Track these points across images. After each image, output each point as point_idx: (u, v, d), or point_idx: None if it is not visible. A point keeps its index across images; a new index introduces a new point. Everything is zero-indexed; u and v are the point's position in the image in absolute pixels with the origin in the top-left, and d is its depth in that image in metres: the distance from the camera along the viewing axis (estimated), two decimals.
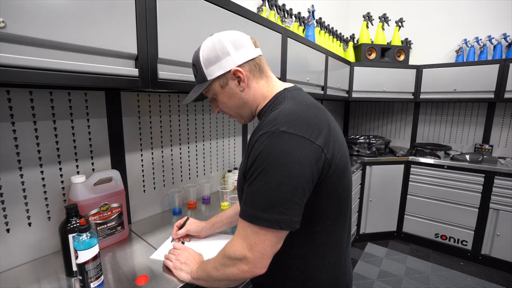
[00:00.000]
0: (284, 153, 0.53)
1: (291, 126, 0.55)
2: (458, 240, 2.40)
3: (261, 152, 0.55)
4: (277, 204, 0.54)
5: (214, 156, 1.60)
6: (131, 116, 1.14)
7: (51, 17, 0.59)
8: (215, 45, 0.66)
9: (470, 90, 2.39)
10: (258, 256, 0.57)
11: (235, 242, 0.60)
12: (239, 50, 0.66)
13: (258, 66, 0.68)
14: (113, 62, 0.73)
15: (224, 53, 0.65)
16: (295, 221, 0.56)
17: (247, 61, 0.66)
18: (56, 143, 0.92)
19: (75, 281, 0.79)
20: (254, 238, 0.56)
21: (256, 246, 0.56)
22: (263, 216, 0.54)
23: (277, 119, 0.57)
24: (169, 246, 0.97)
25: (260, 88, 0.69)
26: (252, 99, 0.70)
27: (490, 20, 2.56)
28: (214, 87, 0.70)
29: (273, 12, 1.82)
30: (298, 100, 0.64)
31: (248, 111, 0.72)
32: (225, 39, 0.66)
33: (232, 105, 0.71)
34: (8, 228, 0.83)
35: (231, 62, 0.65)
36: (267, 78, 0.70)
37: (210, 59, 0.66)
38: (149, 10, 0.79)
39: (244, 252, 0.57)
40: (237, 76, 0.66)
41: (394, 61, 2.70)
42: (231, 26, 1.10)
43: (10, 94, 0.80)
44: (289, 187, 0.54)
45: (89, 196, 0.90)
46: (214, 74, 0.67)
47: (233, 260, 0.60)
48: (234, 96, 0.69)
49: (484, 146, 2.59)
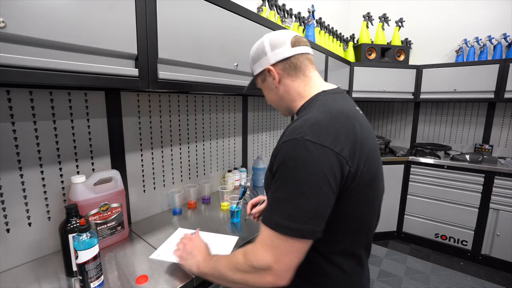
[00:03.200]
0: (308, 162, 0.53)
1: (316, 135, 0.55)
2: (458, 240, 2.40)
3: (285, 159, 0.56)
4: (301, 213, 0.54)
5: (214, 156, 1.60)
6: (131, 116, 1.14)
7: (51, 17, 0.59)
8: (259, 45, 0.74)
9: (470, 90, 2.39)
10: (284, 268, 0.56)
11: (259, 250, 0.58)
12: (274, 50, 0.71)
13: (294, 65, 0.71)
14: (113, 62, 0.73)
15: (263, 53, 0.72)
16: (318, 230, 0.55)
17: (281, 60, 0.70)
18: (56, 143, 0.92)
19: (75, 281, 0.79)
20: (279, 248, 0.55)
21: (282, 258, 0.55)
22: (287, 224, 0.54)
23: (303, 127, 0.57)
24: (169, 246, 0.97)
25: (295, 86, 0.72)
26: (287, 96, 0.73)
27: (490, 20, 2.56)
28: (258, 82, 0.80)
29: (273, 12, 1.82)
30: (329, 107, 0.62)
31: (284, 106, 0.76)
32: (266, 39, 0.73)
33: (271, 98, 0.79)
34: (8, 228, 0.83)
35: (266, 61, 0.72)
36: (305, 78, 0.72)
37: (254, 58, 0.76)
38: (149, 10, 0.79)
39: (269, 263, 0.56)
40: (270, 74, 0.72)
41: (394, 61, 2.70)
42: (231, 26, 1.10)
43: (10, 94, 0.80)
44: (313, 197, 0.54)
45: (89, 196, 0.90)
46: (256, 70, 0.76)
47: (256, 269, 0.58)
48: (271, 90, 0.76)
49: (484, 146, 2.59)
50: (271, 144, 2.14)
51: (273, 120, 2.12)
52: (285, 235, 0.54)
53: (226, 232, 1.09)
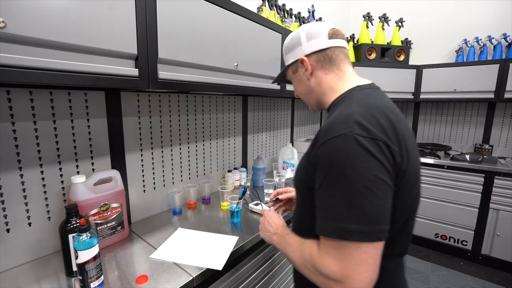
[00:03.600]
0: (365, 156, 0.49)
1: (365, 129, 0.51)
2: (458, 240, 2.40)
3: (336, 157, 0.51)
4: (371, 212, 0.48)
5: (214, 156, 1.59)
6: (131, 116, 1.14)
7: (51, 17, 0.59)
8: (294, 36, 0.73)
9: (470, 90, 2.39)
10: (361, 281, 0.48)
11: (326, 260, 0.52)
12: (310, 41, 0.69)
13: (329, 58, 0.68)
14: (113, 62, 0.73)
15: (297, 43, 0.71)
16: (388, 229, 0.50)
17: (316, 51, 0.69)
18: (56, 143, 0.92)
19: (75, 281, 0.79)
20: (350, 258, 0.49)
21: (355, 269, 0.48)
22: (358, 228, 0.48)
23: (348, 122, 0.52)
24: (169, 246, 0.97)
25: (328, 80, 0.69)
26: (318, 89, 0.71)
27: (490, 20, 2.56)
28: (288, 73, 0.78)
29: (273, 12, 1.82)
30: (368, 102, 0.58)
31: (314, 99, 0.75)
32: (302, 30, 0.71)
33: (300, 91, 0.78)
34: (8, 228, 0.83)
35: (300, 51, 0.71)
36: (339, 72, 0.69)
37: (288, 48, 0.75)
38: (149, 10, 0.79)
39: (339, 276, 0.50)
40: (303, 64, 0.71)
41: (394, 61, 2.70)
42: (231, 26, 1.10)
43: (10, 94, 0.80)
44: (378, 192, 0.49)
45: (89, 196, 0.90)
46: (288, 61, 0.75)
47: (326, 277, 0.53)
48: (302, 82, 0.75)
49: (484, 146, 2.59)
50: (271, 144, 2.14)
51: (273, 120, 2.12)
52: (357, 241, 0.48)
53: (226, 232, 1.09)
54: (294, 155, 1.92)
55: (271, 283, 1.26)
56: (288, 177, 1.81)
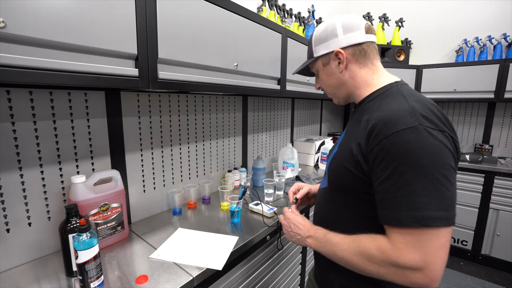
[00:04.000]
0: (438, 147, 0.53)
1: (433, 122, 0.55)
2: (458, 240, 2.40)
3: (410, 149, 0.53)
4: (448, 199, 0.52)
5: (214, 156, 1.60)
6: (131, 116, 1.14)
7: (51, 17, 0.59)
8: (328, 26, 0.72)
9: (470, 90, 2.39)
10: (439, 267, 0.51)
11: (403, 251, 0.53)
12: (347, 34, 0.69)
13: (364, 52, 0.70)
14: (113, 62, 0.73)
15: (333, 35, 0.71)
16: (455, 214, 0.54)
17: (352, 45, 0.69)
18: (56, 143, 0.92)
19: (75, 281, 0.79)
20: (431, 243, 0.51)
21: (436, 254, 0.51)
22: (440, 214, 0.51)
23: (415, 115, 0.55)
24: (169, 246, 0.97)
25: (362, 74, 0.71)
26: (351, 82, 0.73)
27: (490, 20, 2.56)
28: (317, 64, 0.77)
29: (273, 12, 1.82)
30: (419, 97, 0.62)
31: (345, 93, 0.76)
32: (338, 21, 0.71)
33: (329, 84, 0.77)
34: (8, 228, 0.83)
35: (336, 44, 0.70)
36: (372, 66, 0.72)
37: (320, 39, 0.74)
38: (149, 10, 0.79)
39: (420, 264, 0.52)
40: (338, 57, 0.71)
41: (394, 61, 2.70)
42: (231, 26, 1.10)
43: (10, 94, 0.80)
44: (452, 179, 0.53)
45: (89, 196, 0.90)
46: (320, 52, 0.74)
47: (403, 268, 0.54)
48: (333, 75, 0.74)
49: (484, 146, 2.59)
50: (271, 144, 2.14)
51: (273, 120, 2.12)
52: (439, 226, 0.51)
53: (226, 232, 1.09)
54: (294, 155, 1.92)
55: (271, 283, 1.26)
56: (288, 177, 1.81)
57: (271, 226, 1.17)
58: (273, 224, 1.18)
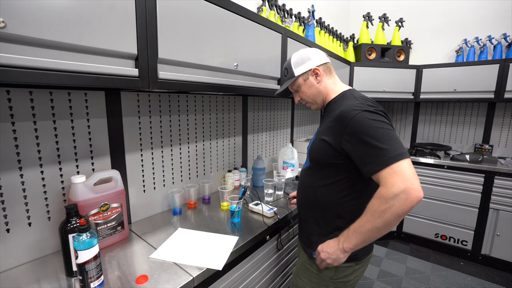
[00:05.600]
0: (378, 116, 0.80)
1: (372, 106, 0.82)
2: (458, 240, 2.40)
3: (364, 123, 0.78)
4: (398, 141, 0.76)
5: (214, 156, 1.60)
6: (131, 116, 1.14)
7: (51, 17, 0.59)
8: (301, 54, 1.00)
9: (470, 90, 2.39)
10: (417, 180, 0.72)
11: (389, 183, 0.73)
12: (315, 57, 0.99)
13: (328, 69, 1.01)
14: (113, 62, 0.73)
15: (307, 58, 0.99)
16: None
17: (321, 64, 0.99)
18: (56, 143, 0.92)
19: (75, 281, 0.79)
20: (405, 169, 0.72)
21: (412, 174, 0.72)
22: (402, 151, 0.74)
23: (358, 106, 0.82)
24: (169, 246, 0.97)
25: (329, 84, 1.00)
26: (324, 90, 0.99)
27: (490, 20, 2.56)
28: (299, 81, 1.01)
29: (273, 12, 1.82)
30: (366, 97, 0.89)
31: (321, 99, 1.01)
32: (306, 51, 1.01)
33: (310, 93, 1.01)
34: (8, 228, 0.83)
35: (311, 64, 0.98)
36: (334, 79, 1.02)
37: (297, 62, 1.00)
38: (149, 10, 0.79)
39: (404, 186, 0.71)
40: (315, 72, 0.98)
41: (394, 61, 2.70)
42: (231, 26, 1.10)
43: (10, 94, 0.80)
44: (391, 130, 0.79)
45: (89, 196, 0.90)
46: (299, 72, 0.99)
47: (396, 195, 0.71)
48: (312, 87, 1.00)
49: (484, 146, 2.59)
50: (271, 144, 2.14)
51: (273, 120, 2.12)
52: (405, 158, 0.74)
53: (226, 232, 1.09)
54: (294, 155, 1.92)
55: (271, 283, 1.26)
56: (288, 177, 1.81)
57: (271, 226, 1.17)
58: (273, 224, 1.18)
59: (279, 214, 1.25)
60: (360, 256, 0.93)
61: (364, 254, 0.95)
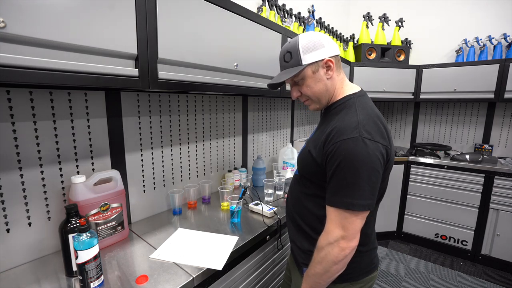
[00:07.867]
0: (369, 154, 0.68)
1: (370, 133, 0.70)
2: (458, 240, 2.40)
3: (349, 153, 0.68)
4: (368, 192, 0.68)
5: (214, 156, 1.59)
6: (131, 116, 1.14)
7: (51, 17, 0.59)
8: (313, 37, 0.78)
9: (470, 90, 2.39)
10: (353, 233, 0.69)
11: (332, 229, 0.71)
12: (329, 45, 0.78)
13: (339, 62, 0.83)
14: (113, 62, 0.73)
15: (320, 44, 0.77)
16: (374, 203, 0.72)
17: (335, 55, 0.79)
18: (56, 143, 0.92)
19: (75, 281, 0.79)
20: (351, 224, 0.69)
21: (350, 226, 0.69)
22: (359, 202, 0.68)
23: (357, 128, 0.70)
24: (169, 246, 0.97)
25: (338, 81, 0.82)
26: (332, 89, 0.82)
27: (490, 20, 2.56)
28: (306, 72, 0.79)
29: (273, 12, 1.82)
30: (367, 111, 0.76)
31: (326, 99, 0.83)
32: (318, 34, 0.80)
33: (316, 90, 0.81)
34: (8, 228, 0.83)
35: (324, 53, 0.77)
36: (342, 76, 0.84)
37: (308, 48, 0.77)
38: (149, 10, 0.79)
39: (341, 235, 0.69)
40: (328, 65, 0.78)
41: (394, 61, 2.70)
42: (231, 25, 1.10)
43: (10, 94, 0.80)
44: (374, 178, 0.69)
45: (89, 196, 0.90)
46: (309, 60, 0.77)
47: (331, 243, 0.70)
48: (321, 82, 0.80)
49: (484, 146, 2.59)
50: (271, 144, 2.14)
51: (273, 120, 2.12)
52: (362, 211, 0.68)
53: (226, 232, 1.09)
54: (294, 155, 1.92)
55: (271, 283, 1.26)
56: (288, 177, 1.81)
57: (271, 226, 1.17)
58: (273, 224, 1.18)
59: (279, 214, 1.25)
60: (354, 276, 0.83)
61: (361, 275, 0.86)
